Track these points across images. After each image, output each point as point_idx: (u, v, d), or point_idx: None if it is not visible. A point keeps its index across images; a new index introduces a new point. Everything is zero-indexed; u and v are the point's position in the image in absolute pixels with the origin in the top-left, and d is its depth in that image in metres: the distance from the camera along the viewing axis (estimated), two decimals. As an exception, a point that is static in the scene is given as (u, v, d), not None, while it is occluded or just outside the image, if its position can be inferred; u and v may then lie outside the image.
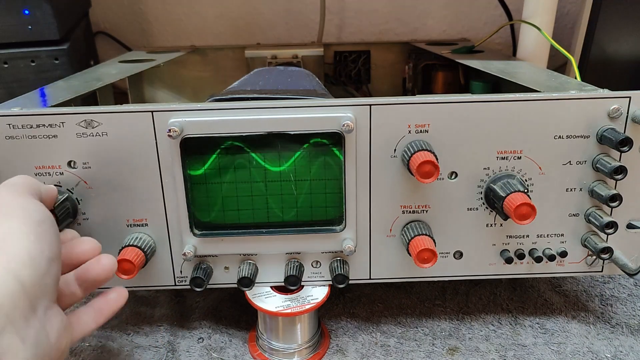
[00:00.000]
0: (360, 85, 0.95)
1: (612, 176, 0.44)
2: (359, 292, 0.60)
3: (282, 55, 0.88)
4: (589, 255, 0.50)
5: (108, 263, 0.41)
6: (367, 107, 0.44)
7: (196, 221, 0.47)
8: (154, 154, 0.45)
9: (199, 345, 0.52)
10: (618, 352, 0.50)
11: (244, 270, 0.48)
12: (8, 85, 0.76)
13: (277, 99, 0.47)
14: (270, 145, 0.45)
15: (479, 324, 0.54)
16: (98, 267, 0.40)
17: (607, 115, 0.45)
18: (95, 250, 0.42)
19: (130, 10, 1.09)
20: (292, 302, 0.49)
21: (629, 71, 0.76)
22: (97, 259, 0.41)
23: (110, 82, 0.62)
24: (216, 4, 1.08)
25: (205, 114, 0.44)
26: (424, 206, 0.48)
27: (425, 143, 0.44)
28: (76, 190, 0.46)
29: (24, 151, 0.45)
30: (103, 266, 0.41)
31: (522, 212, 0.42)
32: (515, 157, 0.46)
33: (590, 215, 0.48)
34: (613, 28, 0.74)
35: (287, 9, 1.08)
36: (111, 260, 0.41)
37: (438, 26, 1.08)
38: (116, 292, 0.43)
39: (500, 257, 0.50)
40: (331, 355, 0.51)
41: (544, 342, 0.51)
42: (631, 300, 0.57)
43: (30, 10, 0.75)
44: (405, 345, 0.51)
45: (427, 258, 0.44)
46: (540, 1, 0.73)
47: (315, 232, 0.48)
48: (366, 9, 1.07)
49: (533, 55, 0.75)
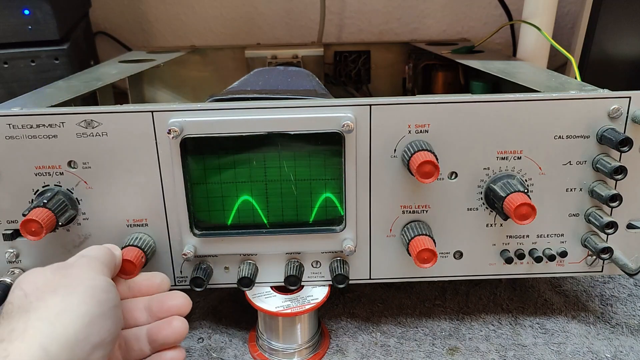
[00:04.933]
0: (360, 85, 0.95)
1: (612, 176, 0.44)
2: (359, 292, 0.59)
3: (282, 55, 0.88)
4: (589, 255, 0.50)
5: (179, 326, 0.41)
6: (367, 107, 0.44)
7: (196, 221, 0.47)
8: (154, 154, 0.45)
9: (199, 345, 0.52)
10: (618, 352, 0.50)
11: (244, 270, 0.48)
12: (8, 85, 0.76)
13: (277, 99, 0.47)
14: (270, 145, 0.45)
15: (479, 324, 0.54)
16: (169, 330, 0.40)
17: (607, 115, 0.45)
18: (186, 306, 0.42)
19: (130, 10, 1.09)
20: (292, 302, 0.49)
21: (629, 71, 0.76)
22: (170, 321, 0.41)
23: (110, 82, 0.62)
24: (216, 4, 1.08)
25: (205, 114, 0.44)
26: (424, 206, 0.48)
27: (425, 143, 0.44)
28: (76, 190, 0.46)
29: (24, 151, 0.45)
30: (174, 329, 0.41)
31: (522, 212, 0.42)
32: (515, 157, 0.46)
33: (590, 215, 0.48)
34: (613, 28, 0.74)
35: (287, 9, 1.08)
36: (183, 323, 0.41)
37: (438, 26, 1.08)
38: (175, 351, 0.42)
39: (500, 257, 0.50)
40: (331, 355, 0.51)
41: (544, 342, 0.51)
42: (631, 300, 0.57)
43: (30, 10, 0.75)
44: (405, 345, 0.51)
45: (427, 258, 0.44)
46: (540, 1, 0.73)
47: (315, 232, 0.48)
48: (366, 9, 1.07)
49: (533, 55, 0.75)
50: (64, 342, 0.32)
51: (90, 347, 0.33)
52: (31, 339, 0.31)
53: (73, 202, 0.46)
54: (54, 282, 0.35)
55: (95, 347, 0.34)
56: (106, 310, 0.35)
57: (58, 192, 0.45)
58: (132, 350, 0.41)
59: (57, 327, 0.32)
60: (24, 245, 0.48)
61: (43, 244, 0.46)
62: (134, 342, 0.41)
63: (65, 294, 0.34)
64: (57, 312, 0.33)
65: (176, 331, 0.40)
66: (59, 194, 0.45)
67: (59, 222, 0.44)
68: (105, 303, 0.35)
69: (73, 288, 0.35)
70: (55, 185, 0.46)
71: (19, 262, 0.48)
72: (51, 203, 0.44)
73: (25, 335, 0.31)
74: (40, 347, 0.31)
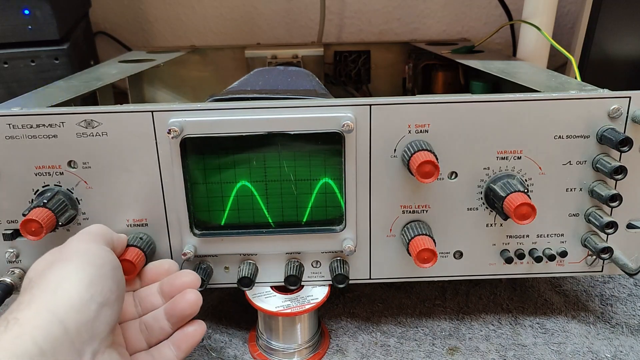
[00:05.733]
0: (360, 85, 0.95)
1: (612, 176, 0.44)
2: (359, 292, 0.60)
3: (282, 55, 0.88)
4: (589, 255, 0.50)
5: (193, 298, 0.42)
6: (367, 107, 0.44)
7: (196, 221, 0.47)
8: (154, 154, 0.45)
9: (199, 345, 0.52)
10: (618, 352, 0.50)
11: (244, 270, 0.48)
12: (8, 85, 0.76)
13: (277, 99, 0.47)
14: (270, 145, 0.45)
15: (479, 324, 0.54)
16: (183, 302, 0.42)
17: (607, 115, 0.45)
18: (195, 281, 0.43)
19: (130, 10, 1.09)
20: (292, 302, 0.49)
21: (629, 71, 0.76)
22: (183, 294, 0.42)
23: (110, 82, 0.62)
24: (216, 4, 1.08)
25: (205, 114, 0.44)
26: (424, 206, 0.48)
27: (425, 143, 0.44)
28: (76, 190, 0.46)
29: (24, 151, 0.45)
30: (188, 301, 0.42)
31: (522, 212, 0.42)
32: (515, 157, 0.46)
33: (590, 215, 0.48)
34: (613, 28, 0.74)
35: (287, 9, 1.08)
36: (196, 295, 0.42)
37: (438, 26, 1.08)
38: (194, 325, 0.43)
39: (500, 257, 0.50)
40: (331, 355, 0.51)
41: (544, 342, 0.51)
42: (631, 300, 0.57)
43: (30, 10, 0.75)
44: (405, 345, 0.51)
45: (427, 258, 0.44)
46: (540, 1, 0.73)
47: (315, 232, 0.48)
48: (366, 9, 1.07)
49: (533, 55, 0.75)
50: (70, 305, 0.34)
51: (96, 306, 0.35)
52: (38, 306, 0.33)
53: (73, 202, 0.46)
54: (50, 260, 0.37)
55: (101, 305, 0.35)
56: (105, 272, 0.37)
57: (58, 192, 0.45)
58: (153, 331, 0.43)
59: (60, 293, 0.34)
60: (24, 245, 0.48)
61: (43, 244, 0.46)
62: (153, 323, 0.43)
63: (61, 266, 0.36)
64: (57, 281, 0.35)
65: (191, 302, 0.42)
66: (59, 194, 0.45)
67: (59, 222, 0.44)
68: (102, 266, 0.37)
69: (68, 260, 0.37)
70: (55, 185, 0.46)
71: (19, 262, 0.48)
72: (51, 203, 0.44)
73: (32, 304, 0.33)
74: (48, 311, 0.33)
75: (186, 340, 0.42)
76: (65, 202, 0.45)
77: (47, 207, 0.43)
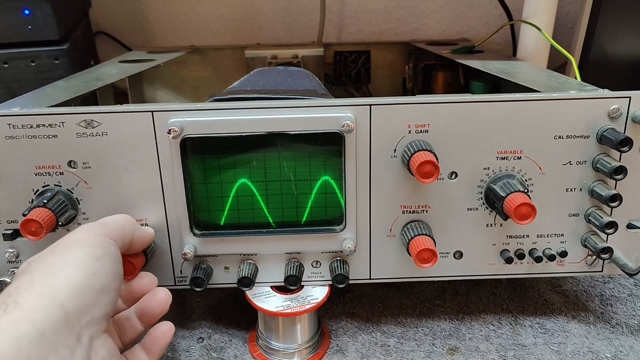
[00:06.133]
0: (360, 85, 0.95)
1: (612, 176, 0.44)
2: (359, 292, 0.59)
3: (282, 55, 0.88)
4: (589, 255, 0.50)
5: (163, 296, 0.44)
6: (367, 107, 0.44)
7: (196, 221, 0.47)
8: (154, 154, 0.45)
9: (199, 345, 0.52)
10: (618, 352, 0.50)
11: (244, 270, 0.48)
12: (8, 85, 0.76)
13: (277, 99, 0.47)
14: (270, 145, 0.45)
15: (479, 324, 0.54)
16: (154, 300, 0.43)
17: (607, 115, 0.45)
18: (152, 284, 0.45)
19: (130, 10, 1.09)
20: (292, 302, 0.49)
21: (629, 71, 0.76)
22: (153, 292, 0.44)
23: (110, 82, 0.62)
24: (216, 4, 1.08)
25: (205, 114, 0.44)
26: (424, 206, 0.48)
27: (425, 143, 0.44)
28: (76, 190, 0.46)
29: (24, 151, 0.45)
30: (158, 299, 0.43)
31: (522, 212, 0.42)
32: (515, 157, 0.46)
33: (590, 215, 0.48)
34: (613, 28, 0.74)
35: (287, 9, 1.08)
36: (166, 293, 0.44)
37: (438, 26, 1.08)
38: (163, 327, 0.44)
39: (500, 257, 0.50)
40: (331, 355, 0.51)
41: (544, 342, 0.51)
42: (631, 300, 0.57)
43: (30, 10, 0.75)
44: (405, 345, 0.51)
45: (427, 258, 0.44)
46: (540, 1, 0.73)
47: (315, 232, 0.48)
48: (366, 9, 1.07)
49: (533, 55, 0.75)
50: (69, 290, 0.34)
51: (95, 292, 0.36)
52: (38, 290, 0.33)
53: (73, 202, 0.46)
54: (52, 247, 0.38)
55: (99, 292, 0.36)
56: (105, 262, 0.37)
57: (58, 192, 0.45)
58: (126, 329, 0.44)
59: (60, 277, 0.34)
60: (24, 245, 0.48)
61: (43, 244, 0.46)
62: (125, 321, 0.44)
63: (63, 253, 0.37)
64: (57, 266, 0.35)
65: (161, 300, 0.43)
66: (59, 194, 0.45)
67: (59, 222, 0.44)
68: (102, 257, 0.37)
69: (71, 248, 0.37)
70: (55, 185, 0.46)
71: (19, 262, 0.48)
72: (51, 203, 0.44)
73: (31, 288, 0.34)
74: (48, 295, 0.33)
75: (157, 344, 0.43)
76: (65, 202, 0.45)
77: (47, 207, 0.43)
